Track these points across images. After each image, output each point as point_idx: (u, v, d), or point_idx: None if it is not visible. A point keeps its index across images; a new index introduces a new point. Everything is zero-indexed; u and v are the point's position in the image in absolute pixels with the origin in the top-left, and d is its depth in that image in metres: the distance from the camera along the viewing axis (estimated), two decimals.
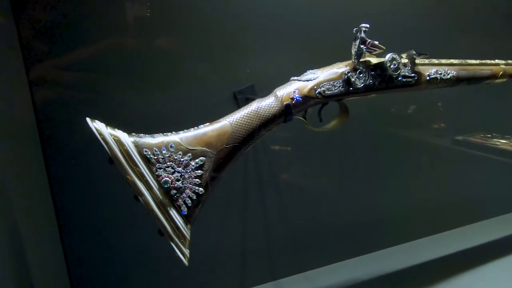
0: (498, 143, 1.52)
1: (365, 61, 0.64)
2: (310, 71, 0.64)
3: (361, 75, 0.64)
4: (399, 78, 0.66)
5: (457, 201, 1.30)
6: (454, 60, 0.75)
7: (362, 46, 0.63)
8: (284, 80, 0.64)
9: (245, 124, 0.59)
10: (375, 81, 0.65)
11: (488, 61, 0.79)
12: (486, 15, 1.17)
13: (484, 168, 1.38)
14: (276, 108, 0.61)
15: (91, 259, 0.82)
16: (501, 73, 0.80)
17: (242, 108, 0.61)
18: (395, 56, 0.64)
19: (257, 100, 0.61)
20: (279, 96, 0.61)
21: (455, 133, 1.32)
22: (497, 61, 0.81)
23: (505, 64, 0.81)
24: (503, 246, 1.20)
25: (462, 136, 1.42)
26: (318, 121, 0.68)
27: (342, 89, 0.64)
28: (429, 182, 1.23)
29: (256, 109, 0.60)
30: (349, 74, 0.63)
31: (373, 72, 0.65)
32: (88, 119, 0.50)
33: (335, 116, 0.70)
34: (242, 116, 0.60)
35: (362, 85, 0.64)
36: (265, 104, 0.61)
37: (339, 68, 0.64)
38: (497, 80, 0.80)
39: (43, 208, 0.76)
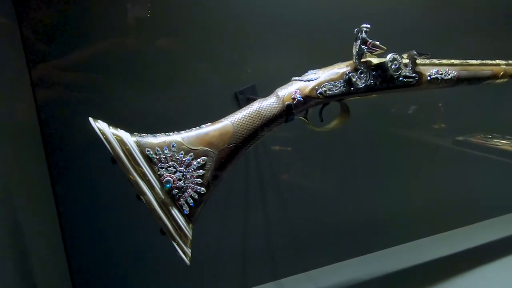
0: (498, 144, 1.53)
1: (366, 61, 0.64)
2: (311, 71, 0.64)
3: (362, 75, 0.64)
4: (400, 78, 0.67)
5: (457, 201, 1.31)
6: (455, 60, 0.75)
7: (363, 46, 0.63)
8: (285, 80, 0.64)
9: (246, 124, 0.60)
10: (376, 81, 0.66)
11: (489, 61, 0.80)
12: (486, 15, 1.18)
13: (485, 168, 1.38)
14: (278, 108, 0.61)
15: (93, 260, 0.83)
16: (501, 73, 0.80)
17: (244, 108, 0.61)
18: (396, 56, 0.64)
19: (258, 100, 0.61)
20: (280, 96, 0.61)
21: (455, 133, 1.33)
22: (497, 61, 0.81)
23: (506, 64, 0.81)
24: (504, 246, 1.20)
25: (462, 136, 1.42)
26: (319, 121, 0.68)
27: (343, 89, 0.64)
28: (430, 182, 1.24)
29: (257, 109, 0.61)
30: (350, 74, 0.64)
31: (374, 72, 0.65)
32: (91, 119, 0.51)
33: (336, 116, 0.71)
34: (243, 116, 0.60)
35: (363, 85, 0.64)
36: (267, 104, 0.61)
37: (340, 68, 0.64)
38: (498, 80, 0.81)
39: (45, 208, 0.76)
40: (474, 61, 0.77)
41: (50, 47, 0.70)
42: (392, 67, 0.64)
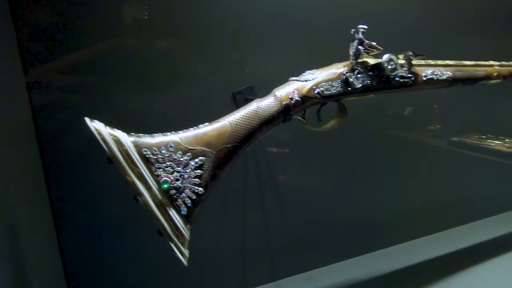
0: (492, 144, 1.55)
1: (363, 61, 0.65)
2: (309, 71, 0.65)
3: (359, 75, 0.65)
4: (397, 79, 0.67)
5: (454, 201, 1.32)
6: (450, 61, 0.76)
7: (360, 47, 0.64)
8: (283, 80, 0.65)
9: (245, 124, 0.60)
10: (373, 82, 0.66)
11: (483, 62, 0.81)
12: (486, 15, 1.19)
13: (480, 168, 1.40)
14: (276, 108, 0.61)
15: (89, 261, 0.82)
16: (495, 74, 0.81)
17: (242, 108, 0.61)
18: (393, 56, 0.65)
19: (256, 100, 0.61)
20: (278, 96, 0.62)
21: (451, 134, 1.34)
22: (491, 62, 0.82)
23: (499, 65, 0.82)
24: (499, 245, 1.22)
25: (458, 137, 1.44)
26: (317, 121, 0.68)
27: (341, 89, 0.64)
28: (427, 182, 1.24)
29: (255, 109, 0.61)
30: (347, 74, 0.64)
31: (371, 73, 0.66)
32: (87, 119, 0.50)
33: (333, 116, 0.71)
34: (242, 116, 0.60)
35: (360, 85, 0.65)
36: (265, 104, 0.61)
37: (338, 69, 0.65)
38: (492, 81, 0.82)
39: (40, 210, 0.75)
40: (468, 62, 0.78)
41: (45, 48, 0.69)
42: (389, 67, 0.65)
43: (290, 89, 0.62)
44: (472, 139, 1.54)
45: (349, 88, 0.64)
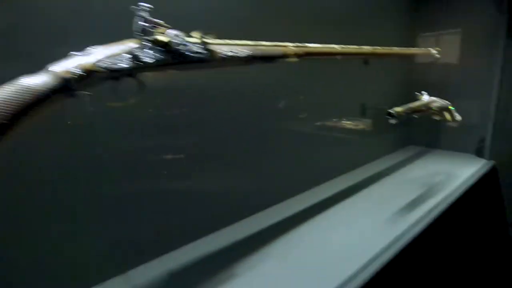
0: (344, 124, 1.95)
1: (152, 38, 0.68)
2: (92, 47, 0.65)
3: (147, 51, 0.68)
4: (190, 54, 0.73)
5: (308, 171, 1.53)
6: (249, 41, 0.87)
7: (144, 23, 0.67)
8: None
9: (15, 101, 0.56)
10: (166, 57, 0.70)
11: (280, 43, 0.95)
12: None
13: (331, 143, 1.71)
14: (54, 83, 0.59)
15: None
16: (291, 53, 0.96)
17: (8, 84, 0.57)
18: (179, 33, 0.71)
19: (25, 76, 0.58)
20: (56, 71, 0.60)
21: (315, 120, 1.60)
22: (288, 43, 0.97)
23: (294, 46, 0.98)
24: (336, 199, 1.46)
25: (320, 122, 1.72)
26: (115, 97, 0.69)
27: (130, 64, 0.66)
28: (284, 163, 1.39)
29: (28, 85, 0.58)
30: (135, 49, 0.67)
31: (161, 48, 0.69)
32: None
33: (134, 92, 0.72)
34: (10, 92, 0.56)
35: (151, 60, 0.68)
36: (40, 80, 0.59)
37: (125, 45, 0.67)
38: (289, 59, 0.97)
39: None
40: (267, 43, 0.91)
41: None
42: (176, 42, 0.70)
43: (71, 64, 0.61)
44: (331, 122, 1.88)
45: (139, 63, 0.67)
